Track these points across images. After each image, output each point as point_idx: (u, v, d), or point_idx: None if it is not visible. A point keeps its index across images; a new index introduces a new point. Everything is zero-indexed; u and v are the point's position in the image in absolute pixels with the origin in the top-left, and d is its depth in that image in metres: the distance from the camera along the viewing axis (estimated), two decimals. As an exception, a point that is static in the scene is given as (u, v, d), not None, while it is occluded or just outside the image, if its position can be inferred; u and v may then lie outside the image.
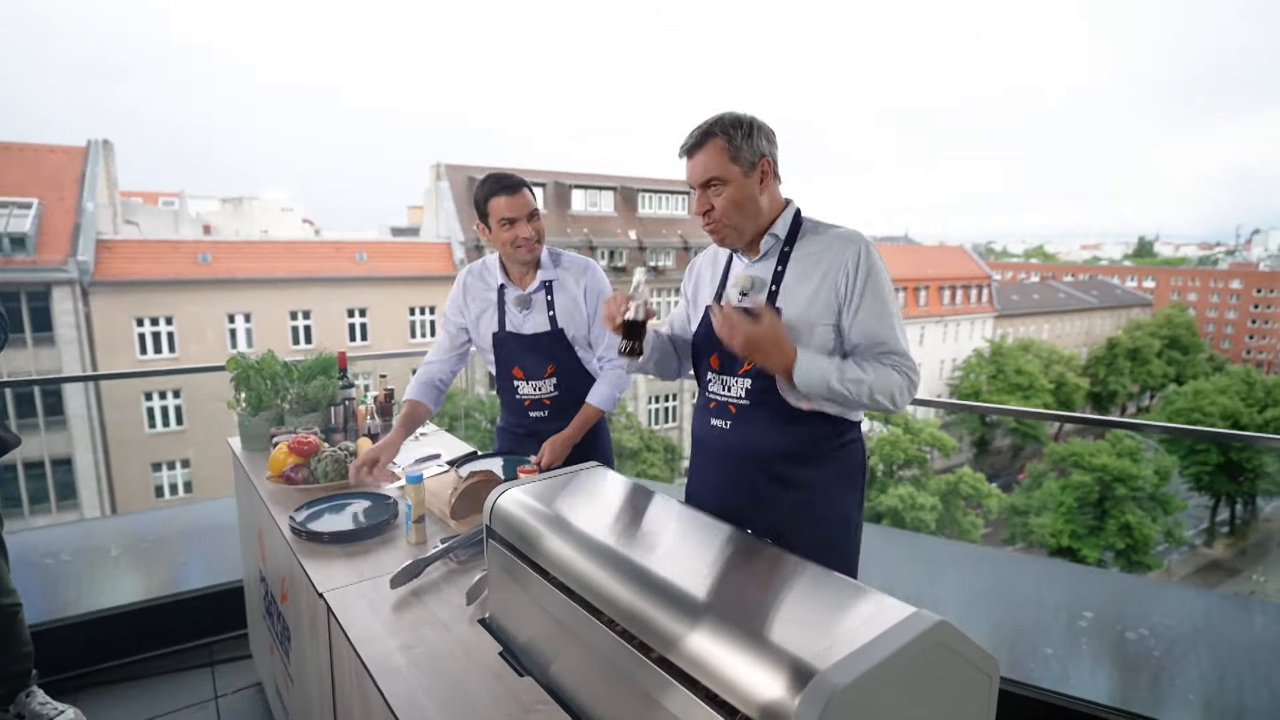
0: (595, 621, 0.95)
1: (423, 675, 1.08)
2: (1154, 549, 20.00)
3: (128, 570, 2.73)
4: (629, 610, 0.90)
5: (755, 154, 1.41)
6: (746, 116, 1.43)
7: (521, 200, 1.90)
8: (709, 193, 1.43)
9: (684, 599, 0.88)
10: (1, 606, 2.01)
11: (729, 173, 1.40)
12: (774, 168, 1.46)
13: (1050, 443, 23.79)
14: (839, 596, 0.89)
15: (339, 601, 1.29)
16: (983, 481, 20.63)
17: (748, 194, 1.42)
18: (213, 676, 2.39)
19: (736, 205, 1.42)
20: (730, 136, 1.40)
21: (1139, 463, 20.27)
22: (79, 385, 17.40)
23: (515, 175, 1.94)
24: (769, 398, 1.46)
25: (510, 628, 1.18)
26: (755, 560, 1.01)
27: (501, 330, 2.05)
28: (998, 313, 36.11)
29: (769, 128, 1.45)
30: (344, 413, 2.19)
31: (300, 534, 1.54)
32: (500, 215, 1.90)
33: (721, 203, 1.42)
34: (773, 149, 1.45)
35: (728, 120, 1.41)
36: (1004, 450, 31.76)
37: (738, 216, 1.43)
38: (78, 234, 17.44)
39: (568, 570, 1.01)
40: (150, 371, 9.00)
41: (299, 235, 27.96)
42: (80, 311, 17.34)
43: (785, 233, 1.47)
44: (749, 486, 1.50)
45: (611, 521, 1.12)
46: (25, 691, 2.08)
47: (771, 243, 1.47)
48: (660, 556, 1.01)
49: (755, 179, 1.42)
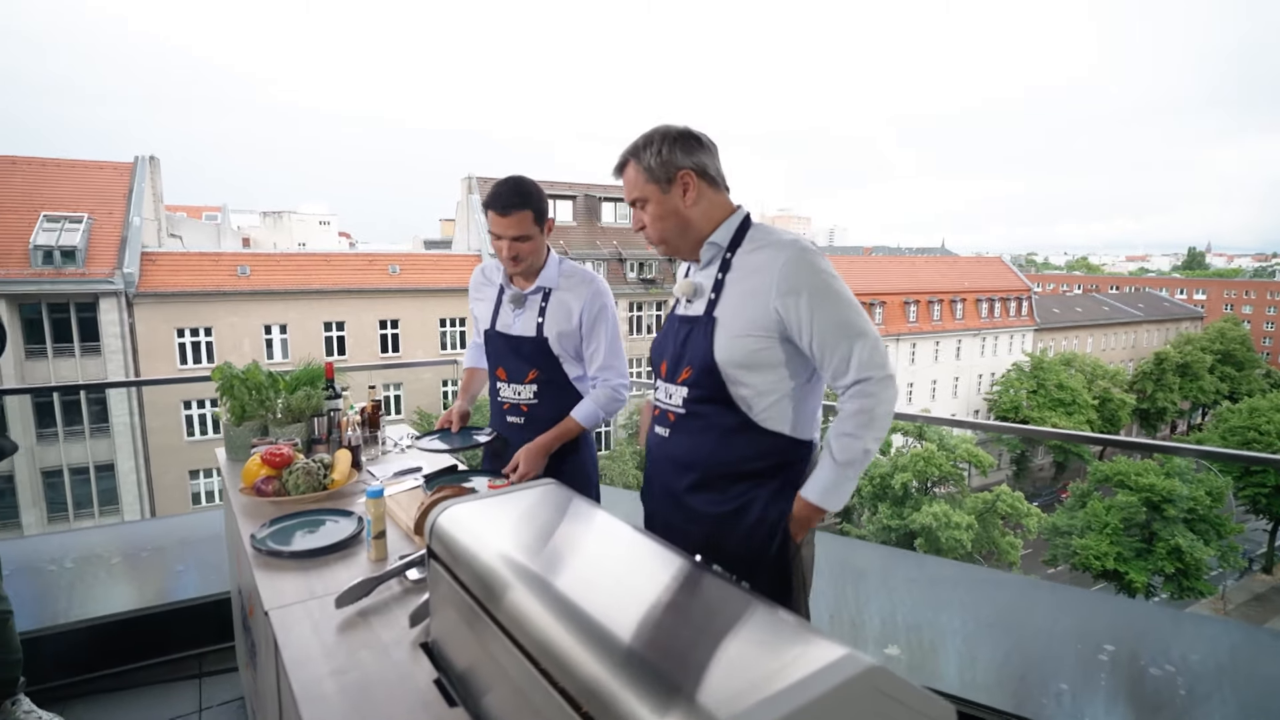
0: (519, 658, 0.88)
1: (348, 704, 1.02)
2: (1207, 574, 19.12)
3: (126, 578, 2.75)
4: (547, 649, 0.83)
5: (670, 170, 1.44)
6: (661, 132, 1.45)
7: (507, 222, 1.89)
8: (639, 210, 1.50)
9: (598, 633, 0.81)
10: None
11: (646, 191, 1.46)
12: (700, 178, 1.45)
13: (1094, 461, 22.97)
14: (767, 634, 0.81)
15: (282, 620, 1.25)
16: (1022, 500, 20.00)
17: (669, 208, 1.46)
18: (200, 689, 2.37)
19: (660, 220, 1.48)
20: (639, 157, 1.46)
21: (1190, 483, 19.45)
22: (122, 393, 18.02)
23: (517, 190, 1.89)
24: (703, 408, 1.45)
25: (450, 654, 1.12)
26: (682, 591, 0.93)
27: (491, 327, 2.08)
28: (1038, 326, 35.16)
29: (692, 137, 1.46)
30: (328, 423, 2.16)
31: (259, 549, 1.51)
32: (489, 227, 1.94)
33: (648, 219, 1.48)
34: (697, 159, 1.45)
35: (640, 142, 1.46)
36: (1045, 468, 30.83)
37: (665, 230, 1.47)
38: (124, 247, 18.11)
39: (497, 600, 0.95)
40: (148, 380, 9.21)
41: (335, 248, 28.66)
42: (125, 322, 17.96)
43: (728, 240, 1.47)
44: (681, 496, 1.51)
45: (544, 547, 1.06)
46: (11, 700, 2.09)
47: (713, 250, 1.49)
48: (587, 585, 0.94)
49: (676, 193, 1.46)
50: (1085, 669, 2.23)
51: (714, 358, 1.41)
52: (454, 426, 2.18)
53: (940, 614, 2.56)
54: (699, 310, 1.47)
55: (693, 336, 1.46)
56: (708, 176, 1.46)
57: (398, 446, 2.35)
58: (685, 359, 1.47)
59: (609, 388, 1.98)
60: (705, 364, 1.42)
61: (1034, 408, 28.87)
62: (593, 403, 1.98)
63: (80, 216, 18.25)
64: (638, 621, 0.84)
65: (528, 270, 1.99)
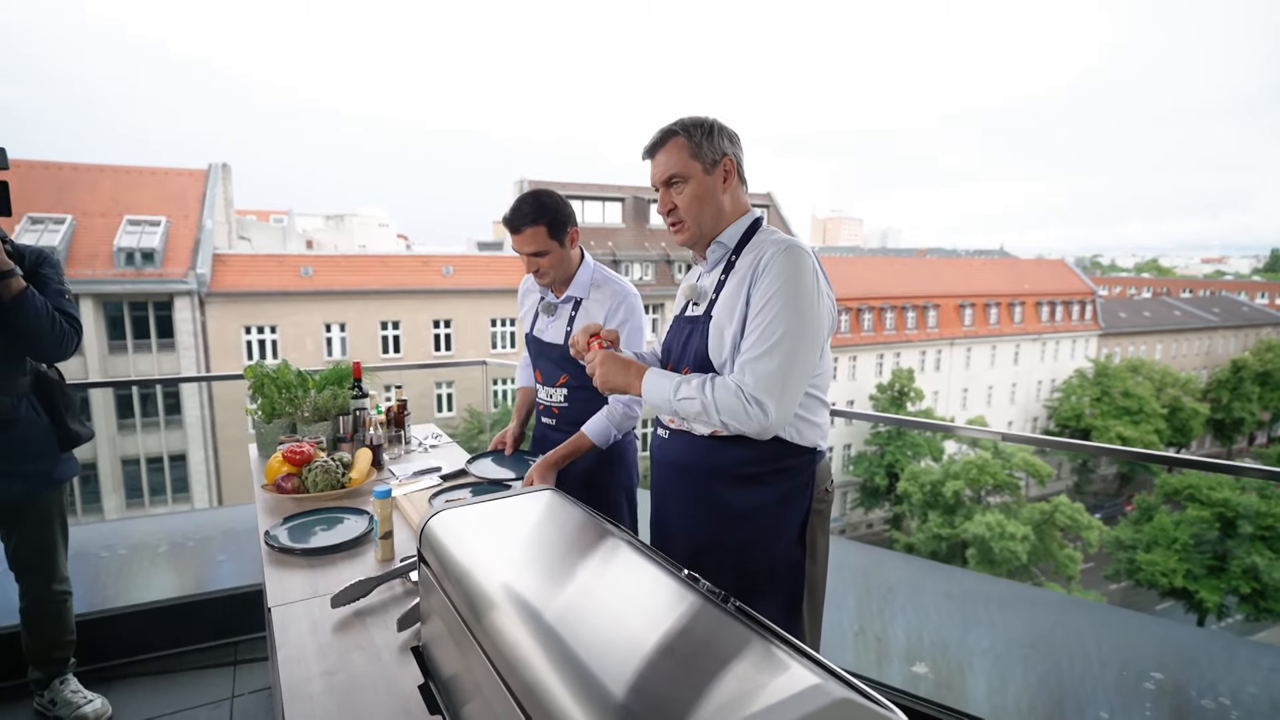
0: (493, 674, 0.87)
1: (331, 705, 1.04)
2: (1290, 596, 17.90)
3: (170, 567, 2.88)
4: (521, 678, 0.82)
5: (717, 153, 1.41)
6: (709, 118, 1.43)
7: (521, 239, 1.93)
8: (671, 191, 1.44)
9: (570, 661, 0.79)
10: (54, 592, 2.15)
11: (689, 169, 1.41)
12: (737, 170, 1.44)
13: (1162, 473, 21.77)
14: (740, 660, 0.78)
15: (283, 618, 1.28)
16: (1081, 512, 19.13)
17: (709, 190, 1.42)
18: (234, 676, 2.46)
19: (698, 201, 1.42)
20: (690, 134, 1.41)
21: (1269, 498, 18.25)
22: (194, 387, 18.97)
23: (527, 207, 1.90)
24: None
25: (438, 659, 1.12)
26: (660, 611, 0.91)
27: (530, 332, 2.14)
28: (1103, 331, 33.55)
29: (733, 131, 1.44)
30: (353, 422, 2.21)
31: (270, 545, 1.55)
32: (512, 246, 1.99)
33: (683, 200, 1.43)
34: (736, 151, 1.44)
35: (688, 120, 1.43)
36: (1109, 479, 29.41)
37: (699, 213, 1.43)
38: (198, 249, 19.07)
39: (478, 616, 0.95)
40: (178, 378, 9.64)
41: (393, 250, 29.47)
42: (197, 320, 18.90)
43: (734, 242, 1.44)
44: (680, 500, 1.49)
45: (530, 559, 1.05)
46: (61, 679, 2.21)
47: (719, 251, 1.46)
48: (565, 606, 0.92)
49: (718, 177, 1.42)
50: (1128, 697, 2.10)
51: (708, 355, 1.40)
52: (508, 449, 2.24)
53: (972, 632, 2.46)
54: (701, 311, 1.46)
55: (692, 337, 1.45)
56: (741, 172, 1.46)
57: (422, 446, 2.39)
58: (685, 359, 1.46)
59: (622, 404, 1.97)
60: (701, 363, 1.41)
61: (1097, 416, 27.56)
62: (606, 419, 1.97)
63: (159, 220, 19.31)
64: (611, 651, 0.81)
65: (556, 281, 2.01)
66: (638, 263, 24.78)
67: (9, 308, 1.87)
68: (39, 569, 2.10)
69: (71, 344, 2.00)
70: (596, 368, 1.45)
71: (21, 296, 1.87)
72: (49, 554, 2.11)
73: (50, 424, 2.06)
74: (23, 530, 2.06)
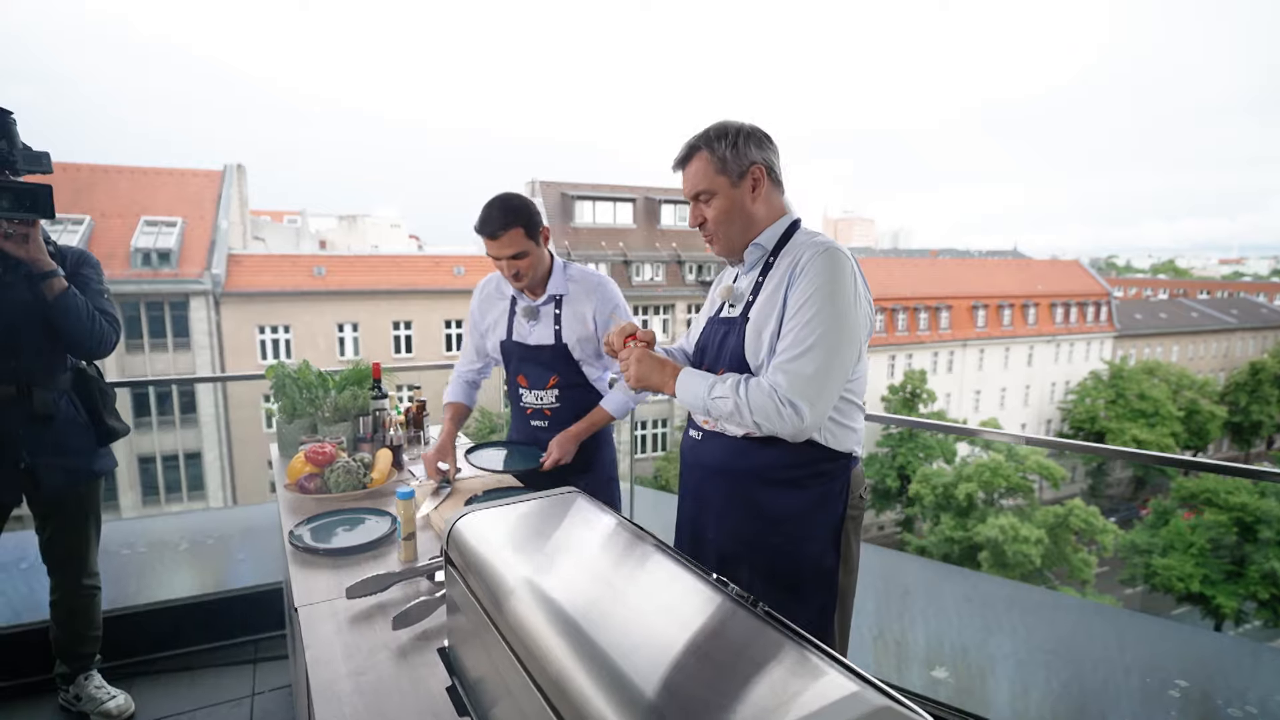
0: (528, 683, 0.87)
1: (360, 706, 1.04)
2: (1311, 603, 17.64)
3: (192, 565, 2.91)
4: (550, 677, 0.82)
5: (744, 162, 1.39)
6: (735, 125, 1.41)
7: (499, 244, 1.91)
8: (701, 205, 1.44)
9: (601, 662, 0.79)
10: (84, 586, 2.18)
11: (715, 184, 1.41)
12: (769, 174, 1.42)
13: (1179, 476, 21.52)
14: (775, 665, 0.78)
15: (309, 617, 1.29)
16: (1096, 516, 18.93)
17: (737, 203, 1.41)
18: (254, 673, 2.48)
19: (726, 215, 1.42)
20: (714, 148, 1.40)
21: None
22: (209, 387, 19.16)
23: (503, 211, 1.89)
24: None
25: (465, 661, 1.13)
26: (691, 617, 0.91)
27: (508, 339, 2.12)
28: (1118, 332, 33.21)
29: (762, 134, 1.42)
30: (373, 423, 2.22)
31: (295, 545, 1.56)
32: (486, 251, 1.97)
33: (712, 214, 1.42)
34: (766, 155, 1.42)
35: (712, 132, 1.42)
36: (1124, 482, 29.10)
37: (729, 226, 1.43)
38: (213, 249, 19.25)
39: (504, 612, 0.95)
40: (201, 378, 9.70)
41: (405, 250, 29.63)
42: (212, 320, 19.08)
43: (772, 244, 1.43)
44: (711, 504, 1.49)
45: (558, 563, 1.05)
46: (86, 674, 2.24)
47: (757, 254, 1.45)
48: (596, 609, 0.92)
49: (746, 187, 1.41)
50: (1152, 705, 2.08)
51: (745, 357, 1.39)
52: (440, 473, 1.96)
53: (992, 637, 2.44)
54: (738, 313, 1.45)
55: (729, 338, 1.45)
56: (774, 175, 1.44)
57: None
58: (721, 360, 1.45)
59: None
60: (738, 364, 1.41)
61: (1112, 418, 27.28)
62: (621, 393, 2.07)
63: (175, 220, 19.51)
64: (640, 652, 0.81)
65: (533, 283, 2.02)
66: (649, 263, 24.78)
67: (52, 307, 1.91)
68: (72, 562, 2.14)
69: (111, 342, 2.04)
70: (632, 365, 1.46)
71: (64, 296, 1.91)
72: (83, 547, 2.15)
73: (89, 419, 2.10)
74: (59, 522, 2.10)
